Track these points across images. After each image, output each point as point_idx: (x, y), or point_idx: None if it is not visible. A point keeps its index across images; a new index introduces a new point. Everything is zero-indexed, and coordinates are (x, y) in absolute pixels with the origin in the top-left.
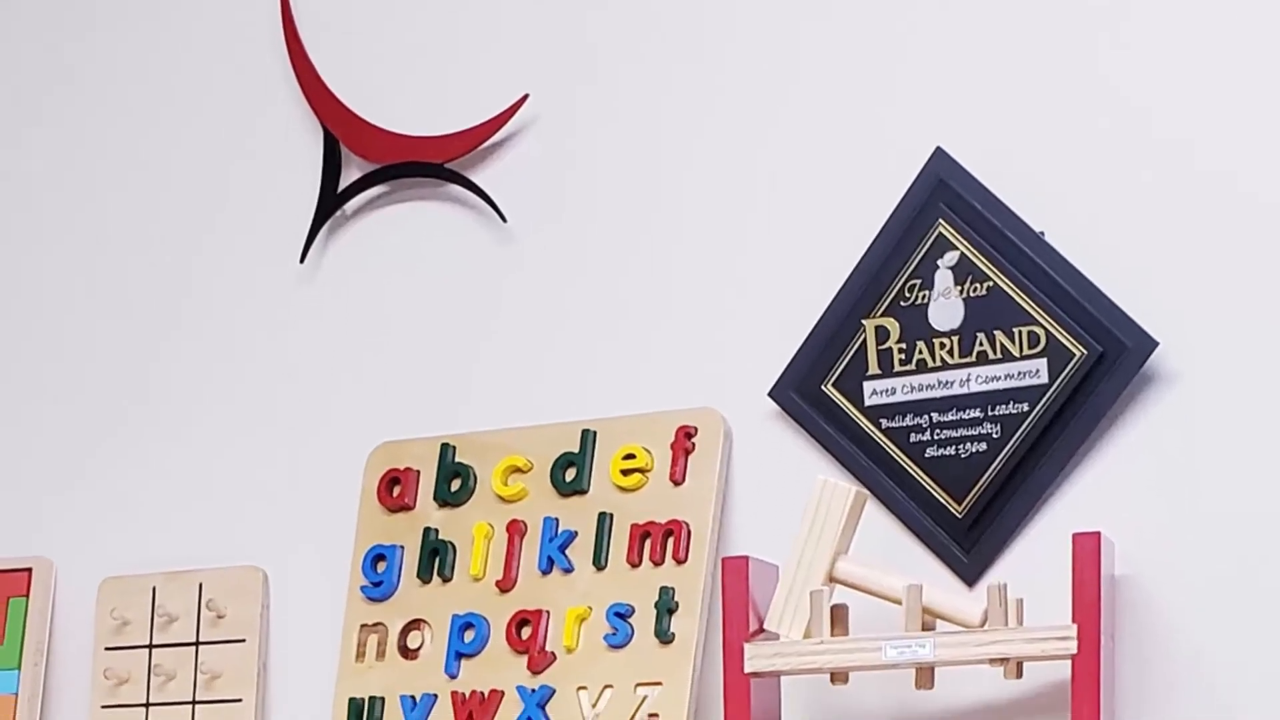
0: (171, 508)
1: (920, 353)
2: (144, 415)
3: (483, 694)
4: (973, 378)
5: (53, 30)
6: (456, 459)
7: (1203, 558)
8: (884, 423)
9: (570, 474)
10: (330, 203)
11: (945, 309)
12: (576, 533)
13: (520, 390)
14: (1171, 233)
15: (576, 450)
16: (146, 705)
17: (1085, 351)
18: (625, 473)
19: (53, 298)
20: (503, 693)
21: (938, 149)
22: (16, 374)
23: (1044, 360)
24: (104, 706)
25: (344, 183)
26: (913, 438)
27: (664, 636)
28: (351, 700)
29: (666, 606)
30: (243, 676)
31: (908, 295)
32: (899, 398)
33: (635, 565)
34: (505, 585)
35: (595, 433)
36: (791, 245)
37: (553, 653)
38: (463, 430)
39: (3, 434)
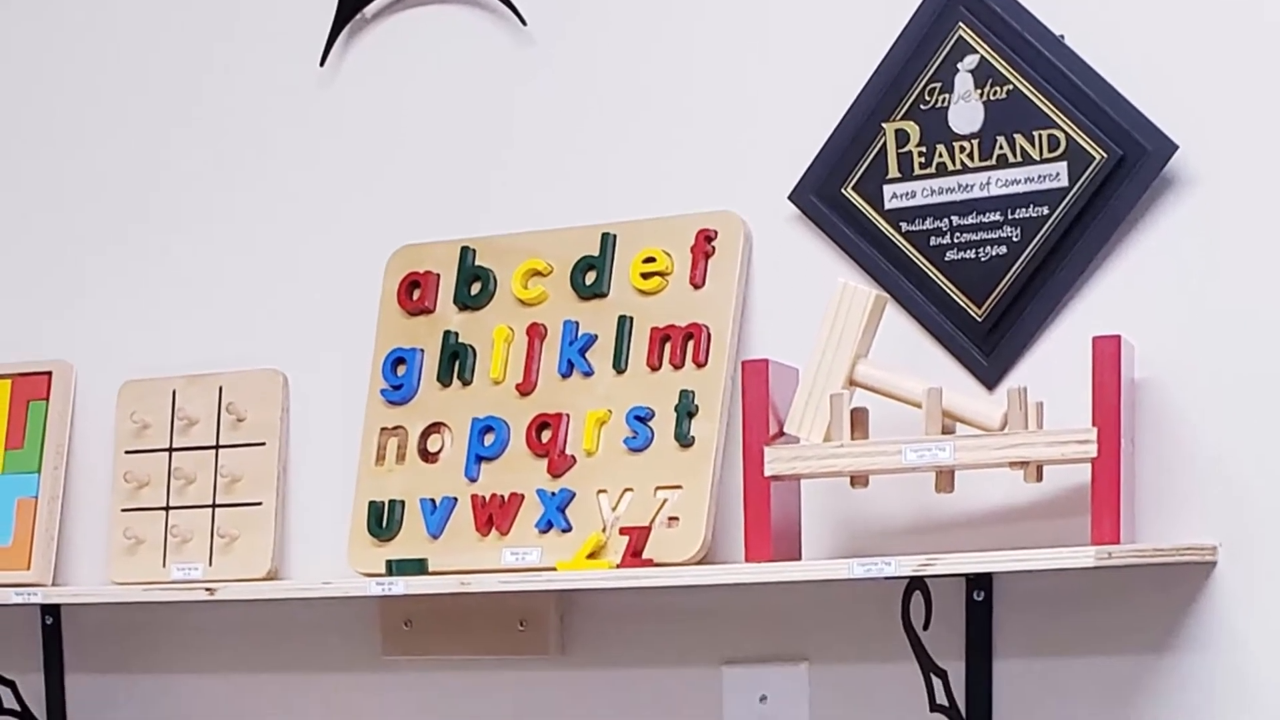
0: (191, 311)
1: (940, 156)
2: (164, 219)
3: (502, 497)
4: (993, 181)
5: None
6: (476, 262)
7: (1222, 360)
8: (904, 226)
9: (590, 277)
10: (350, 6)
11: (965, 112)
12: (596, 336)
13: (540, 194)
14: (1192, 36)
15: (596, 253)
16: (166, 508)
17: (1105, 155)
18: (645, 276)
19: (71, 98)
20: (523, 496)
21: None
22: (34, 175)
23: (1064, 164)
24: (124, 510)
25: None
26: (933, 241)
27: (684, 440)
28: (371, 503)
29: (686, 410)
30: (263, 480)
31: (927, 99)
32: (919, 201)
33: (655, 368)
34: (525, 389)
35: (615, 236)
36: (812, 48)
37: (573, 456)
38: (483, 233)
39: (20, 236)
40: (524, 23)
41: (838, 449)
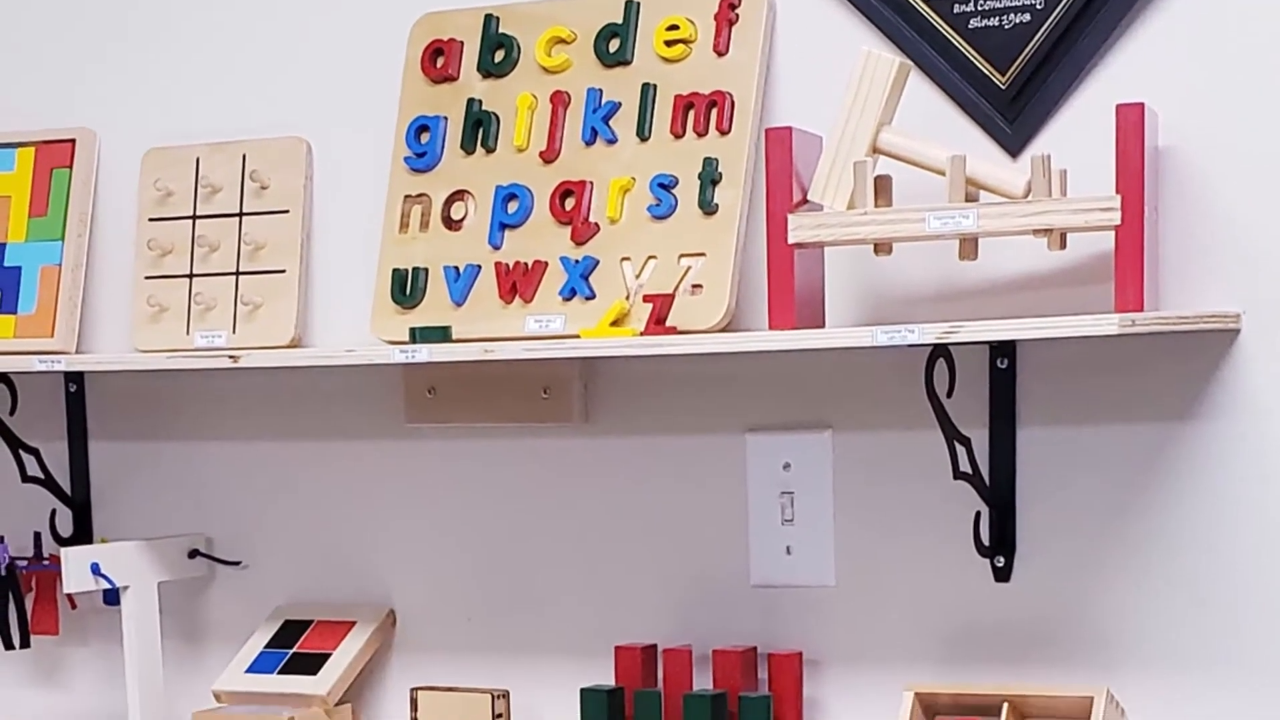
0: (215, 78)
1: None
2: None
3: (526, 265)
4: None
5: None
6: (500, 30)
7: (1246, 128)
8: None
9: (614, 45)
10: None
11: None
12: (620, 104)
13: None
14: None
15: (620, 21)
16: (190, 276)
17: None
18: (669, 44)
19: None
20: (546, 264)
21: None
22: None
23: None
24: (148, 277)
25: None
26: (956, 8)
27: (707, 207)
28: (395, 271)
29: (710, 177)
30: (286, 247)
31: None
32: None
33: (679, 136)
34: (549, 156)
35: (638, 3)
36: None
37: (596, 223)
38: (506, 1)
39: (44, 3)
40: None
41: (861, 216)
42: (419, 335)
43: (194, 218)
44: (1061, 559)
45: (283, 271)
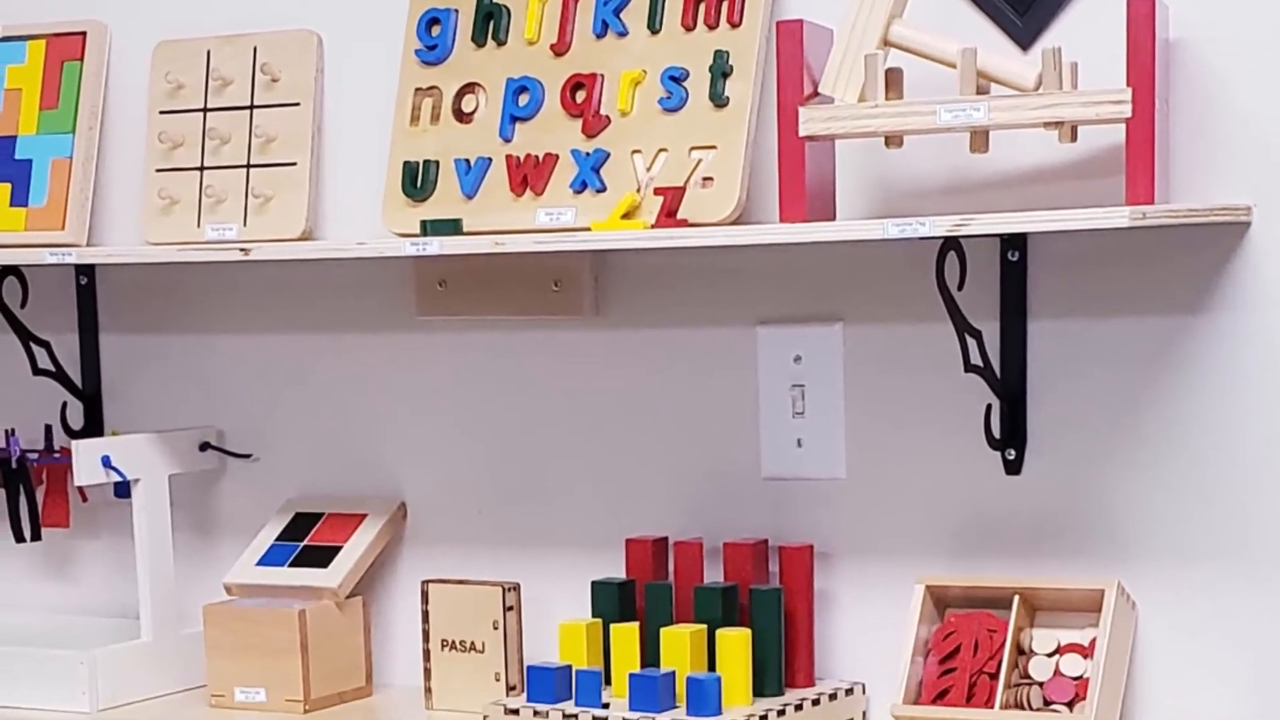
0: None
1: None
2: None
3: (537, 157)
4: None
5: None
6: None
7: (1257, 21)
8: None
9: None
10: None
11: None
12: None
13: None
14: None
15: None
16: (201, 169)
17: None
18: None
19: None
20: (557, 156)
21: None
22: None
23: None
24: (158, 170)
25: None
26: None
27: (719, 100)
28: (406, 164)
29: (721, 70)
30: (297, 140)
31: None
32: None
33: (689, 28)
34: (560, 49)
35: None
36: None
37: (607, 116)
38: None
39: None
40: None
41: (872, 109)
42: (430, 228)
43: (205, 110)
44: (1072, 452)
45: (293, 164)
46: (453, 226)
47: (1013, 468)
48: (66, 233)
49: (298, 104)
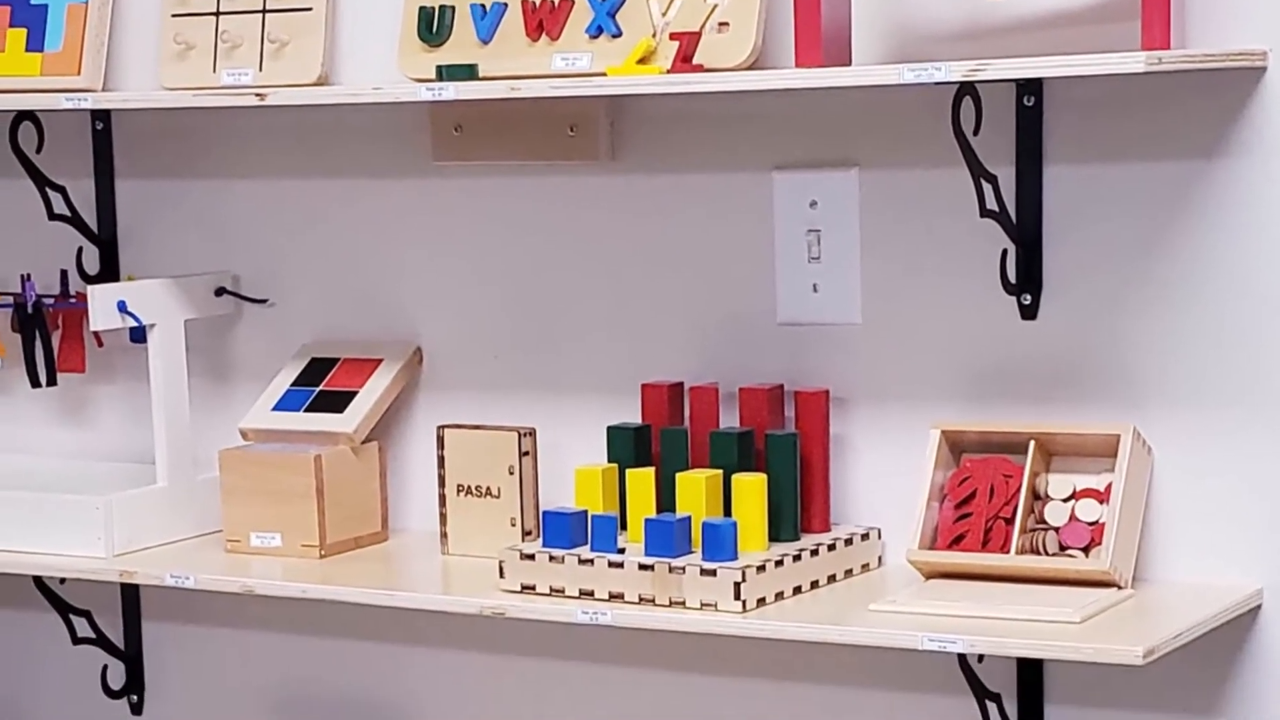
0: None
1: None
2: None
3: (553, 2)
4: None
5: None
6: None
7: None
8: None
9: None
10: None
11: None
12: None
13: None
14: None
15: None
16: (216, 14)
17: None
18: None
19: None
20: (573, 1)
21: None
22: None
23: None
24: (174, 15)
25: None
26: None
27: None
28: (421, 9)
29: None
30: None
31: None
32: None
33: None
34: None
35: None
36: None
37: None
38: None
39: None
40: None
41: None
42: (445, 73)
43: None
44: (1088, 296)
45: (309, 9)
46: (468, 71)
47: (1028, 313)
48: (82, 78)
49: None
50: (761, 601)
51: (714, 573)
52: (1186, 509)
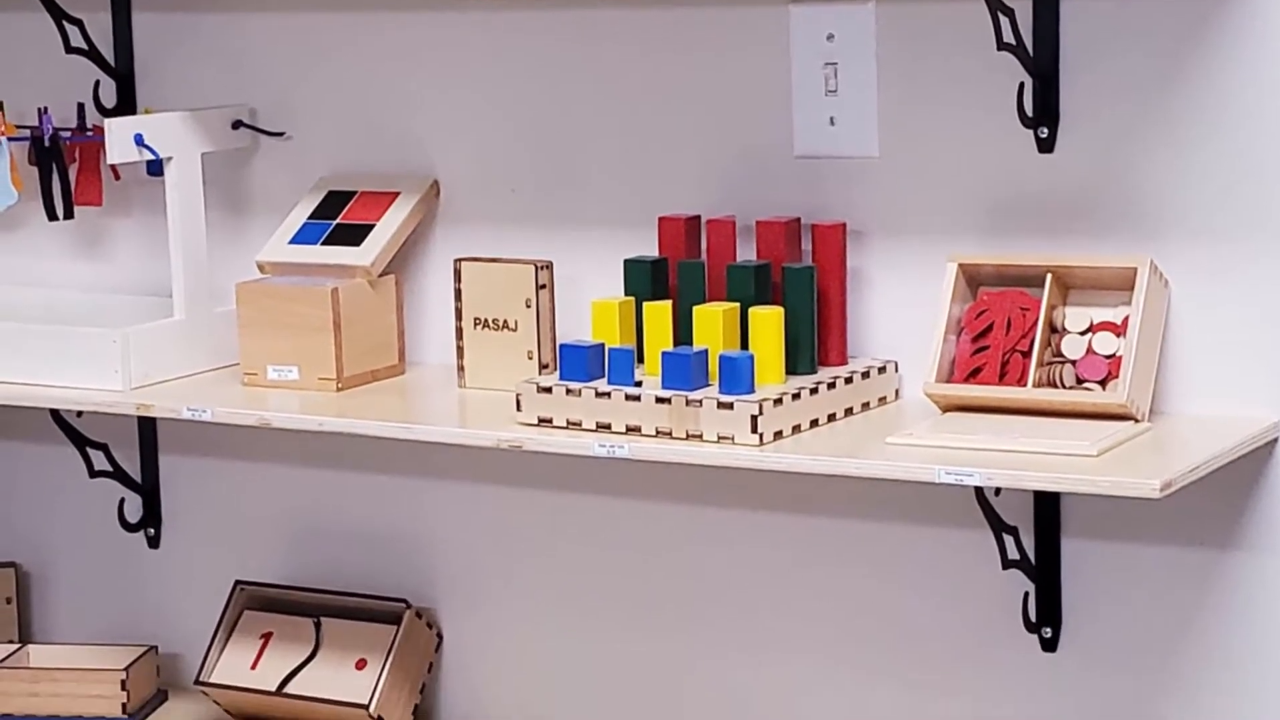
0: None
1: None
2: None
3: None
4: None
5: None
6: None
7: None
8: None
9: None
10: None
11: None
12: None
13: None
14: None
15: None
16: None
17: None
18: None
19: None
20: None
21: None
22: None
23: None
24: None
25: None
26: None
27: None
28: None
29: None
30: None
31: None
32: None
33: None
34: None
35: None
36: None
37: None
38: None
39: None
40: None
41: None
42: None
43: None
44: (1105, 129)
45: None
46: None
47: (1045, 146)
48: None
49: None
50: (778, 435)
51: (731, 406)
52: (1203, 342)
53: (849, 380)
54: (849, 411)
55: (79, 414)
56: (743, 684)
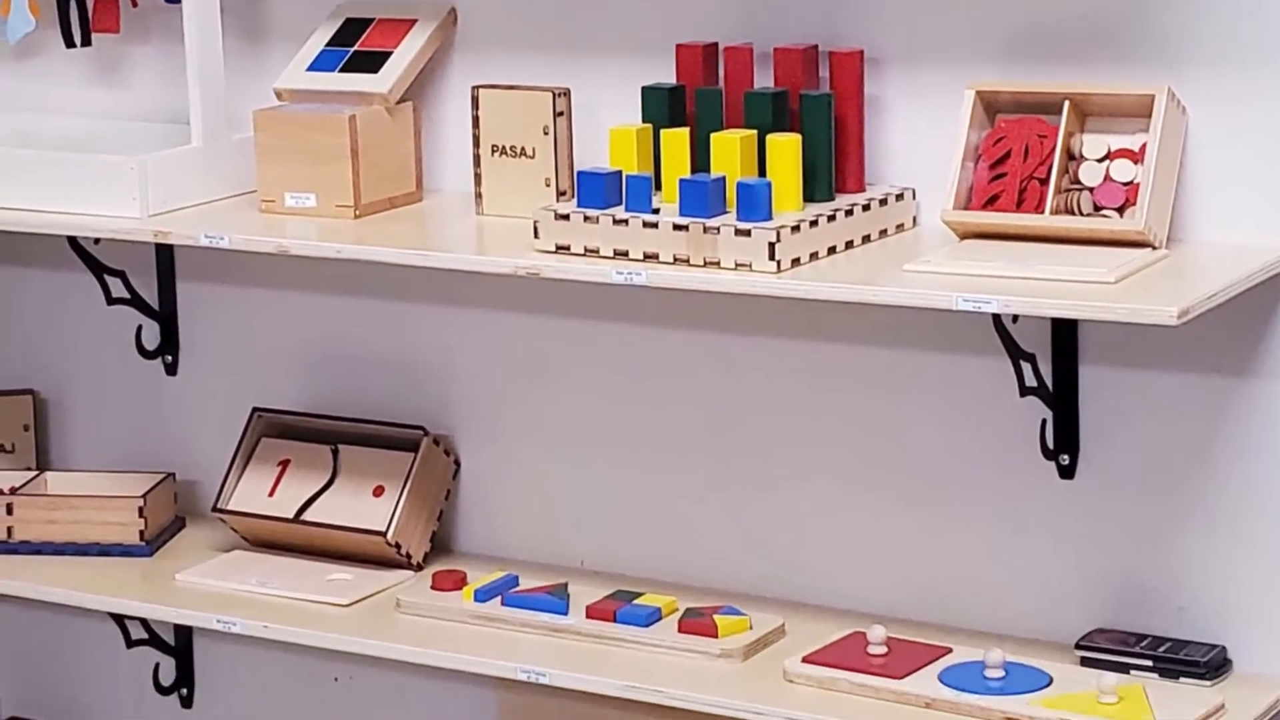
0: None
1: None
2: None
3: None
4: None
5: None
6: None
7: None
8: None
9: None
10: None
11: None
12: None
13: None
14: None
15: None
16: None
17: None
18: None
19: None
20: None
21: None
22: None
23: None
24: None
25: None
26: None
27: None
28: None
29: None
30: None
31: None
32: None
33: None
34: None
35: None
36: None
37: None
38: None
39: None
40: None
41: None
42: None
43: None
44: None
45: None
46: None
47: None
48: None
49: None
50: (796, 261)
51: (749, 233)
52: (1221, 170)
53: (866, 207)
54: (866, 239)
55: (96, 241)
56: (759, 510)
